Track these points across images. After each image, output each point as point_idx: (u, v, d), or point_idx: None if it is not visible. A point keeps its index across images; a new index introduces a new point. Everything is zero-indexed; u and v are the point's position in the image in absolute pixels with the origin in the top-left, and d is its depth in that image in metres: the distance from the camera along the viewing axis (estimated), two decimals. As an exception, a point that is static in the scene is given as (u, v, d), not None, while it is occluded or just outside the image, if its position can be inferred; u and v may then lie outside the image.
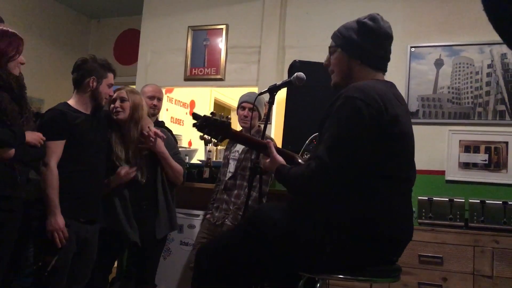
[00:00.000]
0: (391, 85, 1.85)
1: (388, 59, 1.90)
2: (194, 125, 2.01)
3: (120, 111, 2.83)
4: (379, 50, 1.85)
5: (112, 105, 2.87)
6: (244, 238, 1.77)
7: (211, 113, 1.97)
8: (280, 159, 1.87)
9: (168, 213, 2.96)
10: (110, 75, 2.74)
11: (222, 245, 1.83)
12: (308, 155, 2.00)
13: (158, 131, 2.87)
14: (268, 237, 1.71)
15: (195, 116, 2.02)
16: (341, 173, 1.60)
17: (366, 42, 1.82)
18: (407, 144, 1.74)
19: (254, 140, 2.14)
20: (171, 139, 3.18)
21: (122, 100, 2.85)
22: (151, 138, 2.81)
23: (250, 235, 1.75)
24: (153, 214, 2.91)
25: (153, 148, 2.85)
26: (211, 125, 1.97)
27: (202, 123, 1.98)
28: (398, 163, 1.69)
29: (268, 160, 1.90)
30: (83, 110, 2.67)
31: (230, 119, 1.97)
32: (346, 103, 1.64)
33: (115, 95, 2.89)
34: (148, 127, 2.85)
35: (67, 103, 2.69)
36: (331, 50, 1.90)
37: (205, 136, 2.13)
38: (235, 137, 2.11)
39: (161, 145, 2.88)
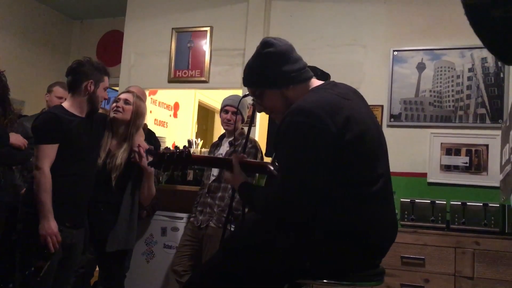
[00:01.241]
0: (333, 85, 1.79)
1: (306, 64, 1.84)
2: (149, 163, 2.05)
3: (120, 112, 2.80)
4: (294, 64, 1.79)
5: (114, 104, 2.84)
6: (226, 262, 1.74)
7: (165, 148, 2.02)
8: (241, 177, 1.86)
9: (128, 229, 2.80)
10: (106, 78, 2.69)
11: (207, 278, 1.78)
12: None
13: (147, 147, 2.77)
14: (248, 251, 1.69)
15: (150, 152, 2.07)
16: (301, 201, 1.58)
17: (282, 67, 1.76)
18: (367, 143, 1.65)
19: (218, 160, 2.16)
20: None
21: (126, 103, 2.83)
22: (142, 154, 2.72)
23: (231, 258, 1.73)
24: (111, 223, 2.76)
25: (141, 163, 2.76)
26: (167, 161, 1.97)
27: (156, 161, 2.01)
28: (358, 167, 1.62)
29: (230, 175, 1.90)
30: (78, 113, 2.61)
31: (187, 148, 1.98)
32: (289, 129, 1.62)
33: (121, 96, 2.86)
34: (139, 144, 2.77)
35: (62, 106, 2.63)
36: (257, 94, 1.84)
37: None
38: (198, 163, 2.10)
39: (142, 160, 2.77)
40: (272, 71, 1.77)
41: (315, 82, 1.83)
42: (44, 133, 2.48)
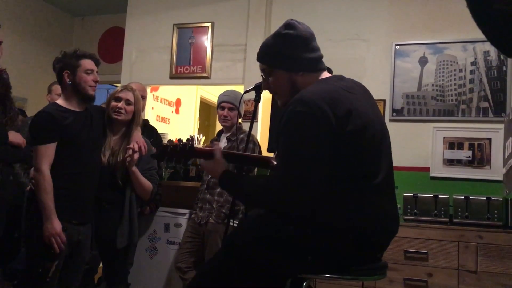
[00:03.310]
0: (339, 78, 1.80)
1: (322, 56, 1.84)
2: (152, 155, 2.08)
3: (122, 113, 2.76)
4: (312, 53, 1.79)
5: (114, 103, 2.77)
6: (228, 260, 1.74)
7: (168, 141, 2.03)
8: (222, 165, 1.84)
9: (130, 225, 2.80)
10: (84, 61, 2.59)
11: (211, 276, 1.79)
12: None
13: (140, 146, 2.72)
14: (250, 247, 1.69)
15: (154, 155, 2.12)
16: (299, 190, 1.56)
17: (298, 52, 1.76)
18: (368, 136, 1.64)
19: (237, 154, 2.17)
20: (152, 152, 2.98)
21: (128, 103, 2.78)
22: (129, 152, 2.68)
23: (234, 255, 1.73)
24: (116, 220, 2.77)
25: (128, 161, 2.72)
26: (170, 153, 1.97)
27: (159, 154, 2.02)
28: (358, 160, 1.62)
29: (208, 164, 1.88)
30: (72, 107, 2.57)
31: (190, 140, 1.99)
32: (291, 119, 1.62)
33: (121, 94, 2.80)
34: (136, 141, 2.73)
35: (56, 103, 2.60)
36: (266, 72, 1.85)
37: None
38: (202, 155, 2.09)
39: (132, 163, 2.73)
40: (286, 53, 1.78)
41: (325, 75, 1.83)
42: (40, 134, 2.45)
